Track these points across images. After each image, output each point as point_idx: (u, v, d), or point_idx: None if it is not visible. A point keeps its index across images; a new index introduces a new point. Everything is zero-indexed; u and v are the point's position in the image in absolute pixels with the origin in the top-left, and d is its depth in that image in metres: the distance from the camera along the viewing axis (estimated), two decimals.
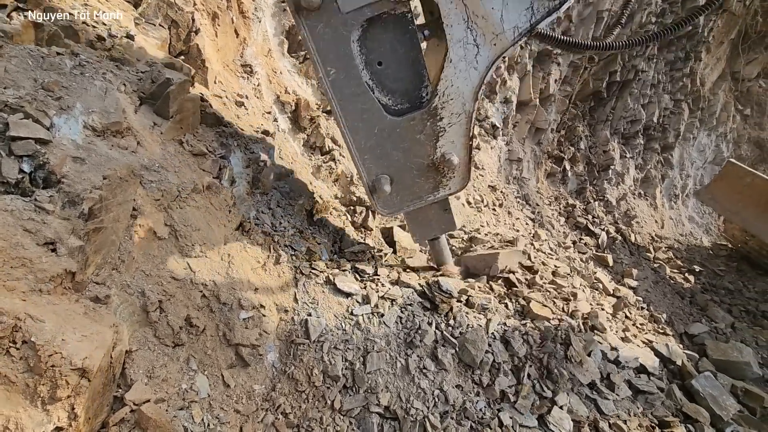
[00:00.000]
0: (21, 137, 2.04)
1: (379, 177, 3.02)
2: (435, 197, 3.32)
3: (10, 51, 2.28)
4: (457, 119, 2.91)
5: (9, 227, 1.99)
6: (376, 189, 3.06)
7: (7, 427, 1.88)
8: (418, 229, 3.68)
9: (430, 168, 3.11)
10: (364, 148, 2.89)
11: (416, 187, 3.21)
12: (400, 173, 3.08)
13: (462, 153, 3.08)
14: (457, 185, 3.30)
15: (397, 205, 3.30)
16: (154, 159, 2.72)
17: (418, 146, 2.98)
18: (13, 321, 1.91)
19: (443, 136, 2.97)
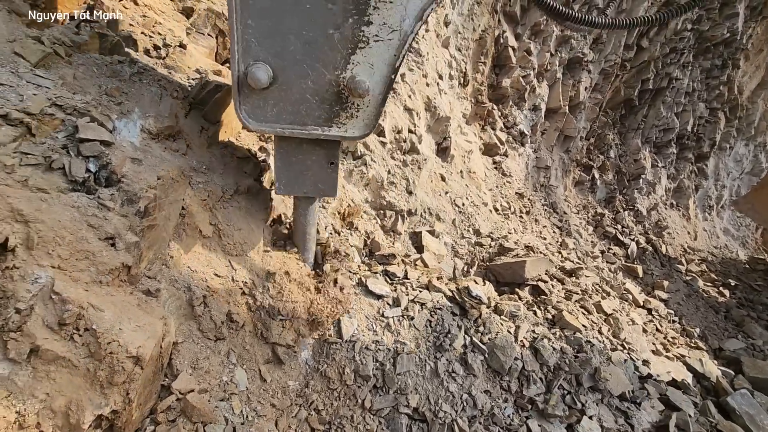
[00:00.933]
0: (88, 139, 2.20)
1: (257, 62, 2.14)
2: (323, 133, 2.45)
3: (78, 59, 2.47)
4: (388, 36, 2.18)
5: (76, 222, 2.15)
6: (247, 78, 2.15)
7: (69, 408, 2.02)
8: (285, 172, 2.72)
9: (330, 88, 2.30)
10: (254, 7, 2.01)
11: (304, 107, 2.35)
12: (290, 74, 2.22)
13: (378, 88, 2.32)
14: (357, 130, 2.48)
15: (268, 120, 2.39)
16: (203, 161, 2.87)
17: (327, 47, 2.16)
18: (77, 309, 2.06)
19: (362, 51, 2.21)
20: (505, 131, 7.55)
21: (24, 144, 2.04)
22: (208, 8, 3.27)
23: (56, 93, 2.21)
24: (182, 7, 3.22)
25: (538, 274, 4.55)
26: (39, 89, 2.16)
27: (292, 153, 2.66)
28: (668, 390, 3.82)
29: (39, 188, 2.04)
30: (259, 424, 2.64)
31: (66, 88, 2.29)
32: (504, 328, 3.58)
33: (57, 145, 2.14)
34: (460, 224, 5.39)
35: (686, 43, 9.16)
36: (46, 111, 2.14)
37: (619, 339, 4.18)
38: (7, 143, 1.98)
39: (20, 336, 1.94)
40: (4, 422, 1.85)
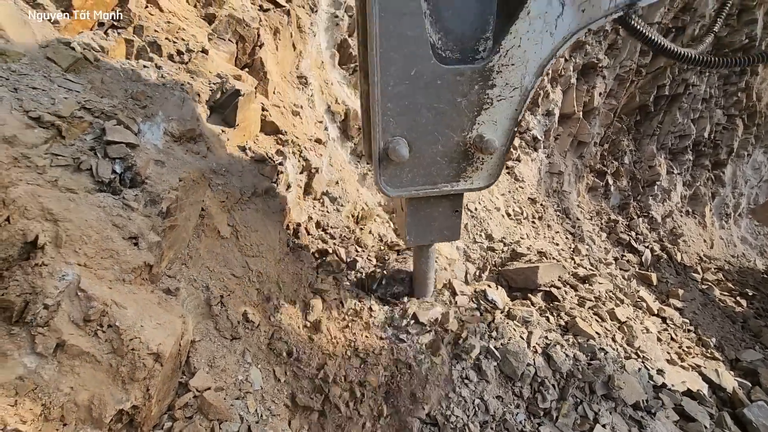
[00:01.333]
0: (115, 141, 2.27)
1: (395, 138, 2.38)
2: (452, 188, 2.69)
3: (106, 64, 2.55)
4: (510, 94, 2.39)
5: (101, 221, 2.22)
6: (388, 153, 2.38)
7: (92, 402, 2.08)
8: (415, 226, 2.99)
9: (458, 148, 2.53)
10: (392, 93, 2.27)
11: (434, 168, 2.58)
12: (422, 143, 2.46)
13: (502, 140, 2.52)
14: (482, 180, 2.70)
15: (404, 185, 2.61)
16: (222, 163, 2.93)
17: (455, 113, 2.40)
18: (102, 306, 2.12)
19: (487, 111, 2.43)
20: (518, 136, 7.53)
21: (54, 146, 2.12)
22: (230, 15, 3.35)
23: (85, 96, 2.29)
24: (205, 13, 3.31)
25: (551, 280, 4.53)
26: (69, 93, 2.24)
27: (421, 208, 2.93)
28: (683, 400, 3.76)
29: (68, 188, 2.11)
30: (273, 423, 2.68)
31: (94, 92, 2.37)
32: (517, 334, 3.58)
33: (85, 147, 2.21)
34: (472, 229, 5.39)
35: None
36: (76, 114, 2.21)
37: (633, 347, 4.13)
38: (39, 145, 2.06)
39: (47, 331, 2.00)
40: (30, 414, 1.92)
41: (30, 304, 2.00)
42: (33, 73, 2.20)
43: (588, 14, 2.24)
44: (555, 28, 2.25)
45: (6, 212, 1.95)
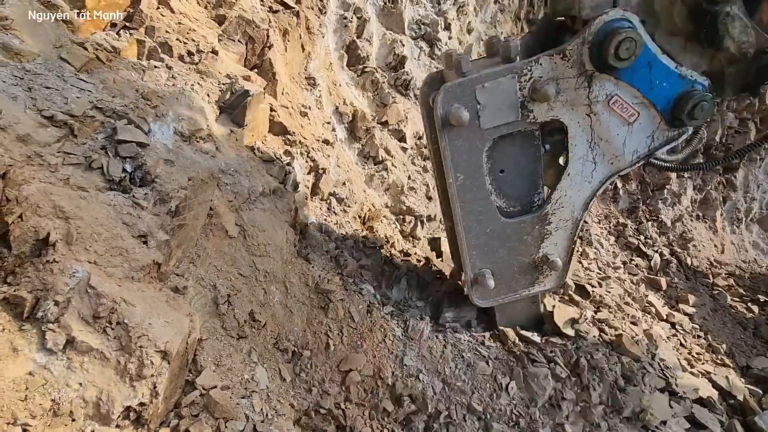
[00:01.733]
0: (126, 141, 2.30)
1: (482, 271, 3.20)
2: (529, 292, 3.45)
3: (118, 64, 2.59)
4: (564, 225, 3.11)
5: (111, 219, 2.24)
6: (477, 282, 3.23)
7: (100, 398, 2.10)
8: (504, 316, 3.70)
9: (530, 266, 3.29)
10: (474, 245, 3.11)
11: (514, 282, 3.37)
12: (502, 269, 3.26)
13: (563, 254, 3.25)
14: (552, 283, 3.43)
15: (492, 297, 3.42)
16: (230, 163, 2.95)
17: (524, 246, 3.19)
18: (111, 303, 2.14)
19: (548, 239, 3.17)
20: None
21: (67, 144, 2.15)
22: (239, 16, 3.37)
23: (97, 96, 2.32)
24: (215, 14, 3.34)
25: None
26: (82, 92, 2.27)
27: (507, 307, 3.62)
28: (694, 407, 3.71)
29: (79, 186, 2.14)
30: (278, 423, 2.68)
31: (106, 92, 2.40)
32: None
33: (97, 145, 2.24)
34: None
35: None
36: (88, 113, 2.25)
37: (659, 360, 4.09)
38: (51, 143, 2.09)
39: (57, 327, 2.03)
40: (40, 409, 1.94)
41: (41, 301, 2.03)
42: (47, 72, 2.24)
43: (616, 166, 2.92)
44: (592, 178, 2.95)
45: (19, 209, 1.98)
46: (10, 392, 1.88)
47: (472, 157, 2.83)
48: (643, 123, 2.76)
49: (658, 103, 2.68)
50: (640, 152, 2.87)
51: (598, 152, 2.85)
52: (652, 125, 2.78)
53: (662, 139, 2.83)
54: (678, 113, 2.65)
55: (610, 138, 2.78)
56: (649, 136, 2.80)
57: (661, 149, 2.87)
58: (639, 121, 2.75)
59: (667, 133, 2.81)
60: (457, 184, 2.89)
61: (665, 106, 2.69)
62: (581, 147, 2.84)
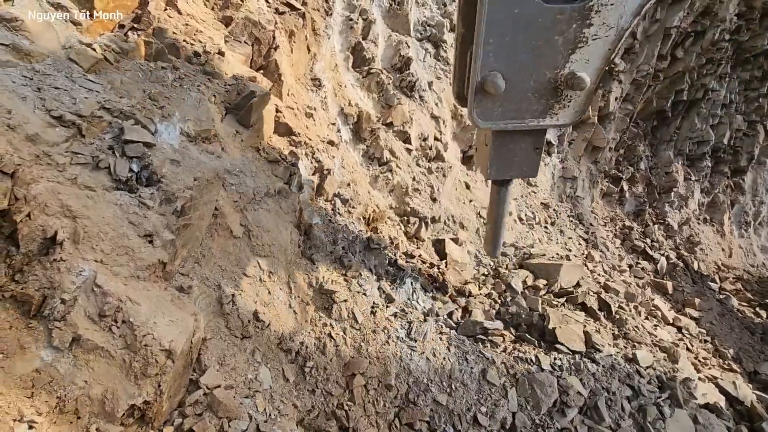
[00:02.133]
0: (133, 141, 2.32)
1: (494, 72, 2.58)
2: (538, 123, 2.87)
3: (125, 65, 2.61)
4: (606, 33, 2.55)
5: (118, 219, 2.26)
6: (484, 86, 2.59)
7: (105, 396, 2.12)
8: (497, 160, 3.18)
9: (549, 84, 2.70)
10: (495, 30, 2.49)
11: (524, 104, 2.78)
12: (517, 78, 2.65)
13: (593, 77, 2.66)
14: (567, 118, 2.86)
15: (494, 118, 2.81)
16: (235, 164, 2.97)
17: (551, 51, 2.59)
18: (116, 302, 2.16)
19: (581, 50, 2.60)
20: None
21: (75, 144, 2.17)
22: (246, 17, 3.39)
23: (105, 97, 2.34)
24: (222, 16, 3.36)
25: (571, 280, 4.51)
26: (90, 93, 2.29)
27: (506, 144, 3.09)
28: (701, 413, 3.67)
29: (86, 186, 2.16)
30: (281, 422, 2.69)
31: (114, 92, 2.42)
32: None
33: (104, 145, 2.26)
34: (483, 233, 5.35)
35: (724, 53, 8.87)
36: (96, 114, 2.27)
37: (676, 368, 4.08)
38: (60, 143, 2.11)
39: (64, 325, 2.05)
40: (46, 406, 1.96)
41: (48, 299, 2.04)
42: (56, 73, 2.26)
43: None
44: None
45: (27, 208, 2.01)
46: (17, 389, 1.90)
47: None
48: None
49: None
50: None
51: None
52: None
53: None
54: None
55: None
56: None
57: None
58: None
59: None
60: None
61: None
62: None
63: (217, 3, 3.38)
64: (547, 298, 4.37)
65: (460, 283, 4.34)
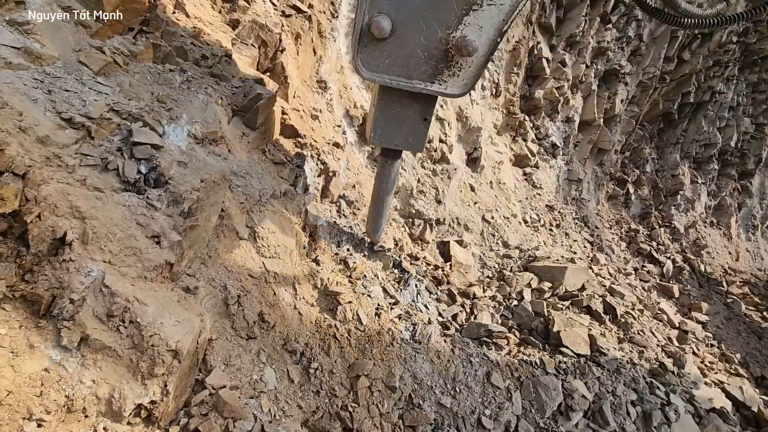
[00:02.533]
0: (141, 143, 2.34)
1: (381, 14, 2.38)
2: (425, 87, 2.69)
3: (134, 68, 2.63)
4: (500, 2, 2.40)
5: (126, 220, 2.28)
6: (370, 28, 2.39)
7: (112, 396, 2.14)
8: (382, 123, 2.95)
9: (440, 45, 2.53)
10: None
11: (413, 60, 2.58)
12: (406, 27, 2.45)
13: (483, 49, 2.53)
14: (456, 88, 2.71)
15: (380, 70, 2.60)
16: (242, 165, 2.99)
17: (445, 6, 2.43)
18: (124, 302, 2.18)
19: (475, 13, 2.43)
20: (537, 143, 7.45)
21: (84, 146, 2.20)
22: (253, 20, 3.42)
23: (114, 99, 2.37)
24: (229, 19, 3.39)
25: (574, 283, 4.49)
26: (99, 95, 2.32)
27: (392, 106, 2.87)
28: (707, 417, 3.65)
29: (95, 187, 2.19)
30: (286, 423, 2.70)
31: (123, 95, 2.44)
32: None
33: (113, 147, 2.28)
34: (488, 237, 5.35)
35: (731, 55, 8.82)
36: (105, 116, 2.29)
37: (683, 372, 4.05)
38: (69, 145, 2.13)
39: (72, 325, 2.07)
40: (54, 405, 1.98)
41: (57, 299, 2.07)
42: (66, 75, 2.29)
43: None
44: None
45: (38, 209, 2.03)
46: (27, 387, 1.92)
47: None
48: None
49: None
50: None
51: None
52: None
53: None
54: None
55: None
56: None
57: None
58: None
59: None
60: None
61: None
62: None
63: (225, 6, 3.41)
64: (551, 301, 4.36)
65: (464, 285, 4.34)
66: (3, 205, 1.93)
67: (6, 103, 2.03)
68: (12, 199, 1.95)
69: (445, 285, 4.24)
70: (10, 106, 2.03)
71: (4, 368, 1.91)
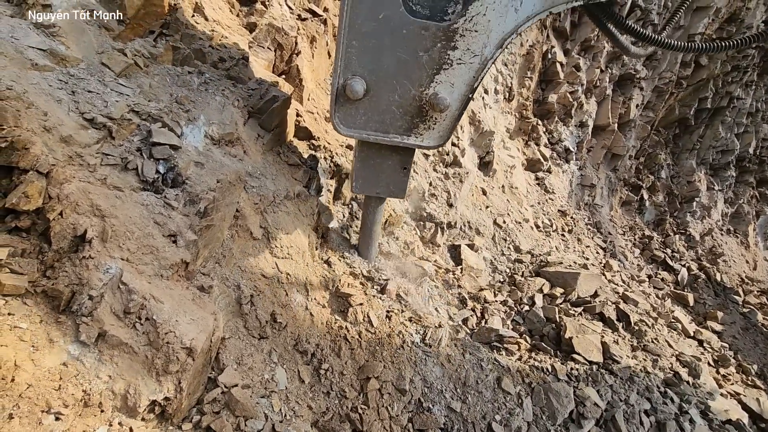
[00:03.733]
0: (160, 143, 2.38)
1: (355, 77, 2.46)
2: (402, 141, 2.76)
3: (154, 70, 2.69)
4: (470, 60, 2.46)
5: (144, 219, 2.33)
6: (345, 90, 2.48)
7: (128, 391, 2.17)
8: (363, 173, 3.04)
9: (414, 102, 2.59)
10: (358, 30, 2.36)
11: (388, 117, 2.65)
12: (380, 88, 2.53)
13: (456, 104, 2.59)
14: (432, 140, 2.77)
15: (357, 126, 2.70)
16: (257, 167, 3.02)
17: (416, 67, 2.48)
18: (141, 300, 2.22)
19: (446, 72, 2.50)
20: (550, 147, 7.40)
21: (105, 146, 2.25)
22: (269, 24, 3.46)
23: (135, 100, 2.42)
24: (246, 22, 3.44)
25: (587, 289, 4.45)
26: (120, 96, 2.37)
27: (372, 157, 2.97)
28: (722, 429, 3.57)
29: (115, 186, 2.23)
30: (296, 423, 2.71)
31: (143, 96, 2.50)
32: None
33: (132, 147, 2.33)
34: (500, 241, 5.32)
35: (750, 60, 8.67)
36: (125, 116, 2.34)
37: (699, 382, 3.99)
38: (91, 144, 2.19)
39: (91, 321, 2.11)
40: (72, 399, 2.02)
41: (76, 295, 2.11)
42: (89, 77, 2.35)
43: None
44: (520, 5, 2.36)
45: (60, 207, 2.08)
46: (46, 381, 1.97)
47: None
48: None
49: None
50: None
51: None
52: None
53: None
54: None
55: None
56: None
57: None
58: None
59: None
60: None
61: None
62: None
63: (242, 10, 3.46)
64: (563, 307, 4.31)
65: (475, 290, 4.32)
66: (28, 203, 1.98)
67: (32, 103, 2.08)
68: (36, 196, 2.00)
69: (456, 289, 4.23)
70: (36, 106, 2.09)
71: (25, 362, 1.95)
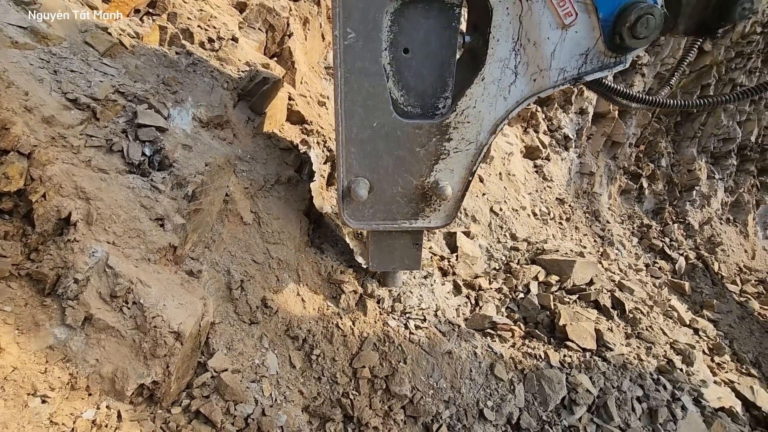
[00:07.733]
0: (146, 125, 2.34)
1: (358, 179, 2.59)
2: (410, 225, 2.89)
3: (140, 50, 2.63)
4: (466, 147, 2.59)
5: (130, 202, 2.29)
6: (350, 192, 2.59)
7: (115, 375, 2.17)
8: (377, 254, 3.20)
9: (417, 191, 2.72)
10: (355, 139, 2.49)
11: (394, 206, 2.80)
12: (383, 184, 2.67)
13: (458, 187, 2.72)
14: (439, 220, 2.90)
15: (366, 219, 2.84)
16: (247, 150, 2.98)
17: (414, 161, 2.61)
18: (127, 283, 2.20)
19: (444, 161, 2.63)
20: (549, 134, 7.32)
21: (89, 127, 2.20)
22: (260, 3, 3.38)
23: (120, 81, 2.36)
24: (236, 2, 3.36)
25: (582, 277, 4.43)
26: (105, 77, 2.32)
27: (384, 240, 3.13)
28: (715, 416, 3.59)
29: (100, 168, 2.20)
30: (286, 408, 2.72)
31: (128, 77, 2.44)
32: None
33: (118, 129, 2.29)
34: (496, 229, 5.29)
35: (755, 47, 8.52)
36: (110, 97, 2.29)
37: (692, 370, 3.99)
38: (75, 125, 2.14)
39: (77, 304, 2.10)
40: (58, 382, 2.01)
41: (62, 278, 2.09)
42: (72, 56, 2.29)
43: (539, 84, 2.40)
44: (508, 93, 2.42)
45: (43, 189, 2.05)
46: (31, 364, 1.96)
47: (370, 11, 2.12)
48: (579, 32, 2.27)
49: (602, 8, 2.20)
50: (568, 73, 2.35)
51: (522, 59, 2.33)
52: (589, 40, 2.29)
53: (596, 64, 2.36)
54: (619, 27, 2.20)
55: (539, 41, 2.28)
56: (583, 54, 2.32)
57: (591, 75, 2.39)
58: (575, 27, 2.25)
59: (603, 58, 2.36)
60: (345, 42, 2.16)
61: (608, 15, 2.22)
62: (504, 46, 2.29)
63: None
64: (558, 295, 4.30)
65: (470, 277, 4.30)
66: (8, 184, 1.95)
67: (12, 82, 2.03)
68: (17, 178, 1.97)
69: (451, 276, 4.21)
70: (16, 85, 2.04)
71: (10, 345, 1.94)
